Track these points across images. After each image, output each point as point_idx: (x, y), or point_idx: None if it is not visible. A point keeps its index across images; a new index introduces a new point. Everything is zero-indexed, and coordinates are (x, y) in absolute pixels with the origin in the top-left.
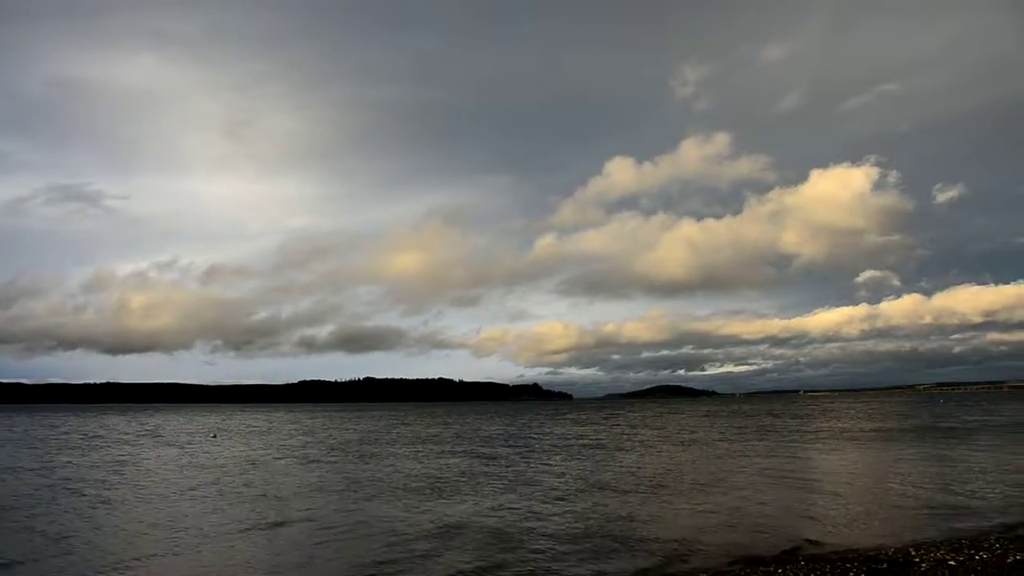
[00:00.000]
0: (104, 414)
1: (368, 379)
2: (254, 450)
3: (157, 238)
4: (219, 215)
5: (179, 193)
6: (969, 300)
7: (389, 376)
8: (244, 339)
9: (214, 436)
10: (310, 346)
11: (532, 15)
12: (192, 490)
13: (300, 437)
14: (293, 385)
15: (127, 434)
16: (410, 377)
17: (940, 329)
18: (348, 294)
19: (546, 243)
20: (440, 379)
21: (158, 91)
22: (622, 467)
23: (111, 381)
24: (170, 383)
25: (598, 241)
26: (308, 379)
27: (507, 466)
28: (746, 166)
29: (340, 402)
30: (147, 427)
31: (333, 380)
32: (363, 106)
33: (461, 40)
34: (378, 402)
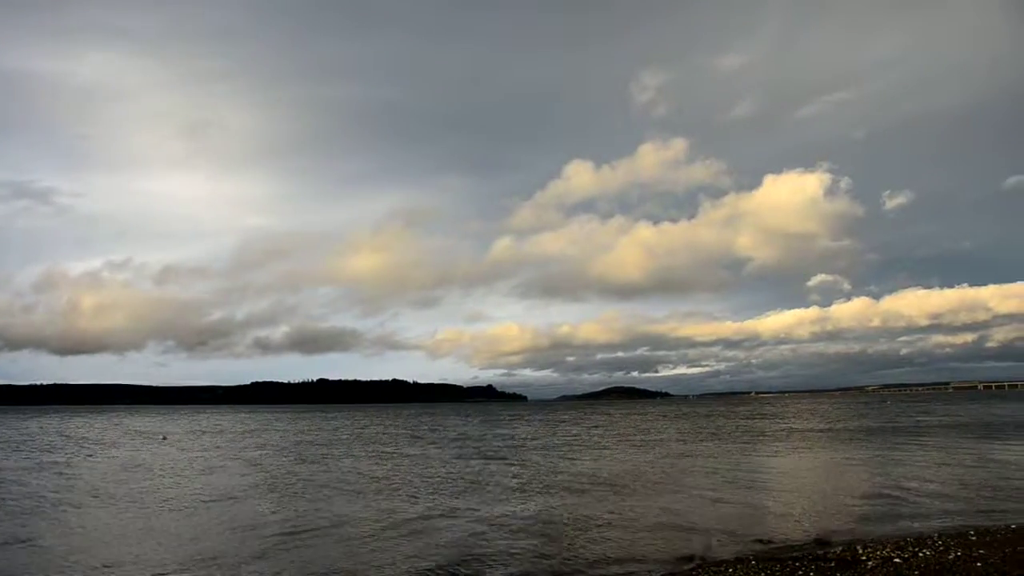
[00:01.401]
0: (50, 416)
1: (322, 380)
2: (203, 452)
3: (111, 237)
4: (175, 214)
5: (134, 191)
6: (916, 303)
7: (343, 377)
8: (197, 340)
9: (164, 438)
10: (264, 347)
11: (494, 16)
12: (139, 494)
13: (250, 439)
14: (245, 386)
15: (79, 436)
16: (365, 378)
17: (888, 332)
18: (305, 295)
19: (504, 245)
20: (394, 380)
21: (112, 87)
22: (576, 468)
23: (59, 382)
24: (120, 384)
25: (555, 243)
26: (261, 380)
27: (458, 467)
28: (702, 171)
29: (293, 404)
30: (94, 429)
31: (286, 381)
32: (322, 105)
33: (422, 40)
34: (332, 404)
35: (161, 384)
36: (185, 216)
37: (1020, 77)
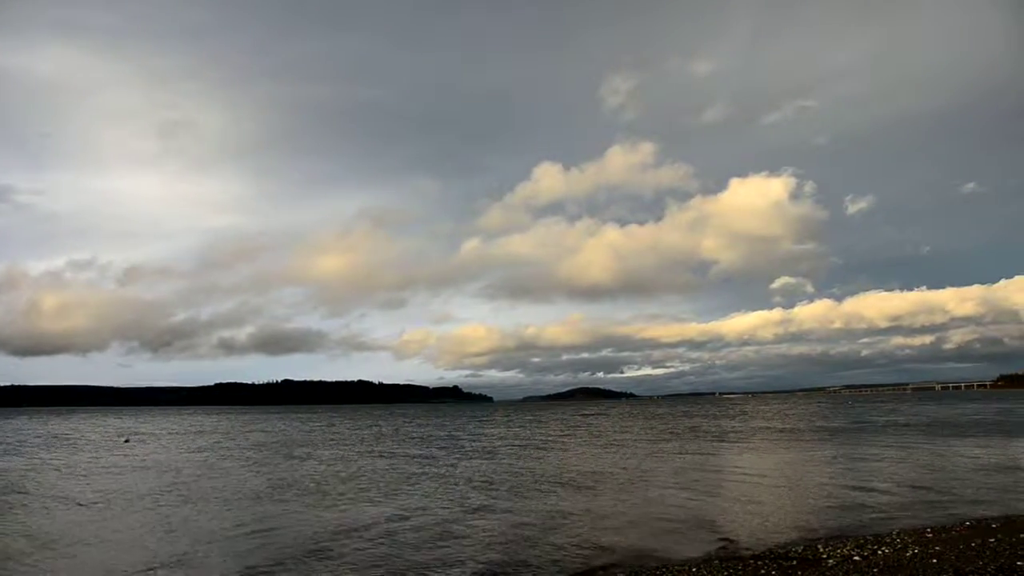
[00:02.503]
0: (8, 418)
1: (286, 381)
2: (166, 454)
3: (73, 236)
4: (140, 213)
5: (97, 189)
6: (876, 305)
7: (308, 378)
8: (162, 341)
9: (126, 440)
10: (229, 348)
11: (465, 19)
12: (100, 495)
13: (212, 439)
14: (209, 387)
15: (36, 438)
16: (330, 379)
17: (849, 333)
18: (271, 296)
19: (472, 246)
20: (360, 381)
21: (74, 83)
22: (541, 468)
23: (17, 384)
24: (82, 386)
25: (524, 245)
26: (225, 382)
27: (423, 467)
28: (669, 174)
29: (257, 405)
30: (53, 431)
31: (251, 383)
32: (290, 104)
33: (393, 41)
34: (296, 405)
35: (124, 385)
36: (150, 215)
37: (977, 86)
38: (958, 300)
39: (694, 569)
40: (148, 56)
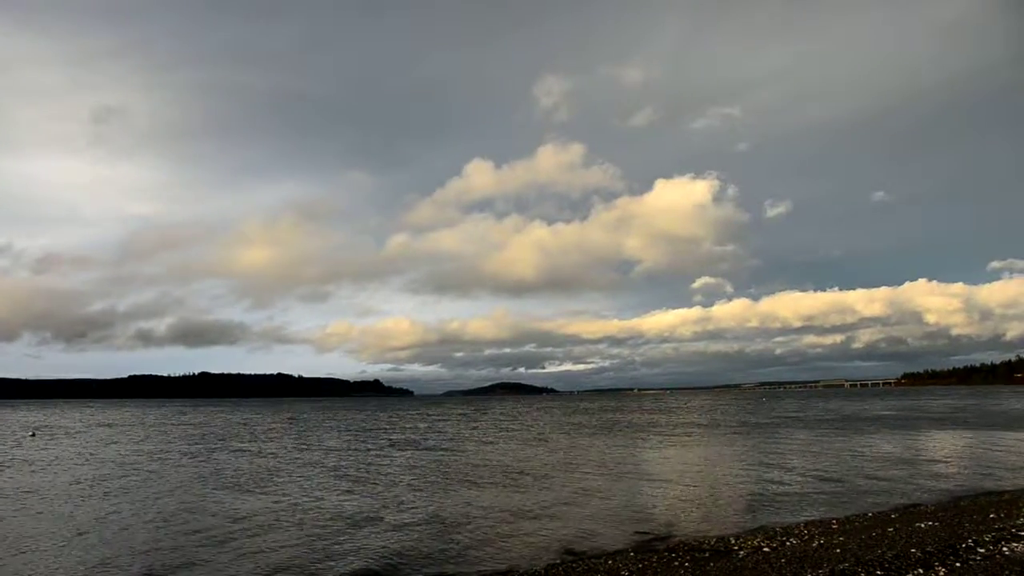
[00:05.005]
0: None
1: (203, 374)
2: (75, 448)
3: None
4: (57, 199)
5: (11, 172)
6: (791, 305)
7: (227, 371)
8: (76, 331)
9: (32, 435)
10: (147, 340)
11: (402, 12)
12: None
13: (123, 433)
14: (123, 380)
15: None
16: (249, 372)
17: (764, 332)
18: (193, 287)
19: (400, 241)
20: (278, 374)
21: None
22: (462, 463)
23: None
24: None
25: (451, 241)
26: (139, 374)
27: (331, 460)
28: (597, 175)
29: (172, 398)
30: None
31: (166, 375)
32: (218, 91)
33: (326, 31)
34: (212, 398)
35: (32, 377)
36: (69, 201)
37: (891, 94)
38: (867, 301)
39: (610, 562)
40: (72, 35)
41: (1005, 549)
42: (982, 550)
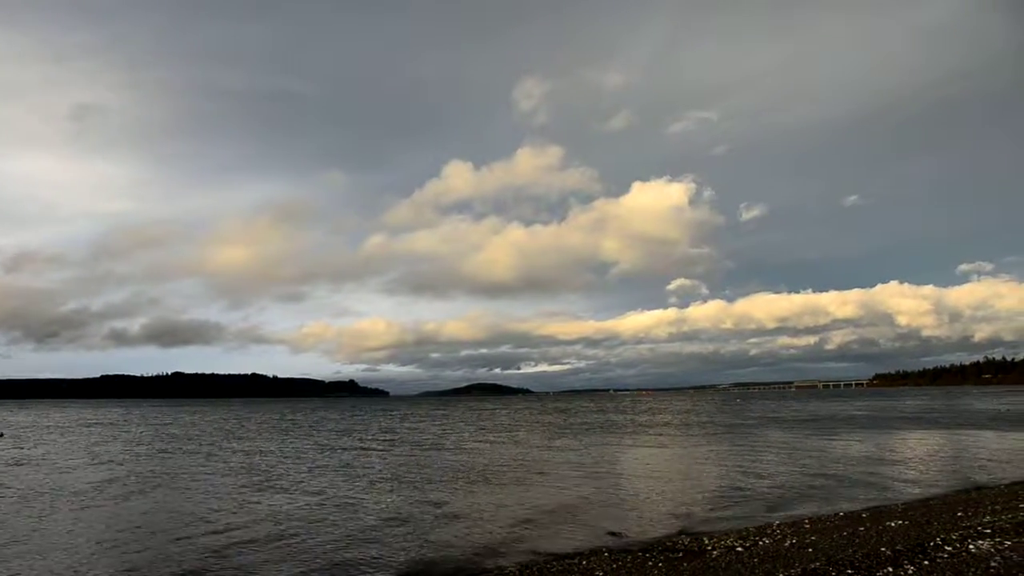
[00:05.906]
0: None
1: (177, 374)
2: (44, 448)
3: None
4: (31, 196)
5: None
6: (765, 307)
7: (201, 371)
8: (48, 331)
9: (0, 435)
10: (120, 339)
11: (381, 13)
12: None
13: (89, 431)
14: (94, 380)
15: None
16: (223, 372)
17: (739, 333)
18: (168, 287)
19: (377, 242)
20: (253, 374)
21: None
22: (437, 463)
23: None
24: None
25: (428, 242)
26: (112, 373)
27: (317, 461)
28: (575, 177)
29: (145, 398)
30: None
31: (139, 375)
32: (196, 90)
33: (305, 31)
34: (185, 398)
35: (3, 377)
36: (44, 198)
37: (866, 100)
38: (839, 303)
39: (584, 562)
40: (49, 32)
41: (971, 547)
42: (949, 548)
